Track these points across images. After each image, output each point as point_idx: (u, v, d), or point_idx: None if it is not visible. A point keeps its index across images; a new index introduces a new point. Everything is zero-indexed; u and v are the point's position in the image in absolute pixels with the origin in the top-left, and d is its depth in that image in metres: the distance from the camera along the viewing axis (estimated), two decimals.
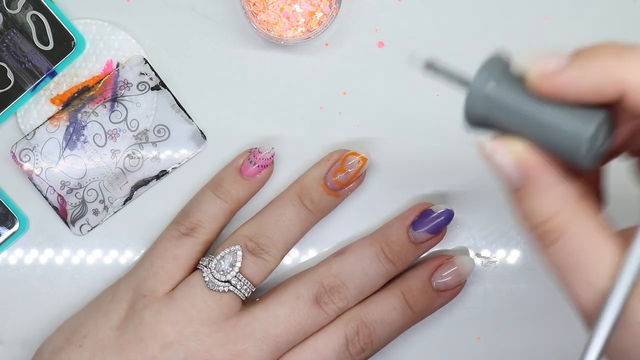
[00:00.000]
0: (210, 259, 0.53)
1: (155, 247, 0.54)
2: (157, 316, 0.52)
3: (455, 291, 0.56)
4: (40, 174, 0.56)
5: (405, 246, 0.55)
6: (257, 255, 0.53)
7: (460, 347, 0.58)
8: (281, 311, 0.53)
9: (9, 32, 0.55)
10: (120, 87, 0.56)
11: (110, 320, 0.52)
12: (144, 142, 0.57)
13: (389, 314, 0.54)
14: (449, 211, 0.55)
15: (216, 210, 0.54)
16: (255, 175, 0.55)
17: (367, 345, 0.54)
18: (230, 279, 0.52)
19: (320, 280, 0.54)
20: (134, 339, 0.51)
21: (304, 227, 0.55)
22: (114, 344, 0.51)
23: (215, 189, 0.55)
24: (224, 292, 0.52)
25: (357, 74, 0.57)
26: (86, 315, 0.53)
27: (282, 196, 0.55)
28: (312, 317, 0.53)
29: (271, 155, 0.55)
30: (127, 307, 0.52)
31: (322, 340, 0.53)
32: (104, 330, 0.52)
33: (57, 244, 0.58)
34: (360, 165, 0.55)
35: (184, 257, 0.53)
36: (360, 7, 0.57)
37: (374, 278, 0.54)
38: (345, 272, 0.54)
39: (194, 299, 0.52)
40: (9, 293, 0.57)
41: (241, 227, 0.55)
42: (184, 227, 0.54)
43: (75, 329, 0.53)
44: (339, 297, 0.54)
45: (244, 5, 0.55)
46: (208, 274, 0.52)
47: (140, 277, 0.53)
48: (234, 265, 0.52)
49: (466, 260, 0.55)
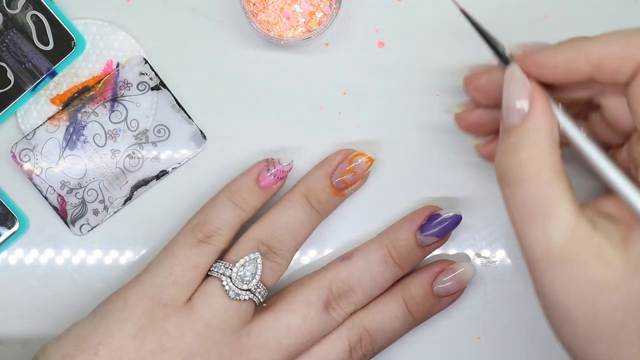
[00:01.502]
0: (227, 267, 0.52)
1: (173, 254, 0.53)
2: (181, 328, 0.51)
3: (455, 297, 0.56)
4: (40, 174, 0.56)
5: (413, 250, 0.55)
6: (271, 259, 0.53)
7: (460, 347, 0.58)
8: (293, 320, 0.52)
9: (9, 32, 0.55)
10: (120, 87, 0.56)
11: (125, 329, 0.51)
12: (144, 142, 0.57)
13: (391, 322, 0.54)
14: (457, 216, 0.55)
15: (235, 219, 0.53)
16: (271, 186, 0.55)
17: (368, 352, 0.54)
18: (251, 288, 0.52)
19: (329, 286, 0.54)
20: (157, 349, 0.51)
21: (312, 227, 0.55)
22: (134, 354, 0.50)
23: (233, 197, 0.54)
24: (244, 300, 0.52)
25: (357, 74, 0.57)
26: (94, 323, 0.52)
27: (289, 197, 0.55)
28: (322, 324, 0.53)
29: (290, 168, 0.55)
30: (141, 315, 0.51)
31: (327, 347, 0.53)
32: (120, 338, 0.51)
33: (57, 244, 0.58)
34: (367, 165, 0.55)
35: (203, 266, 0.52)
36: (360, 7, 0.57)
37: (382, 282, 0.54)
38: (354, 277, 0.54)
39: (215, 309, 0.51)
40: (9, 293, 0.57)
41: (252, 230, 0.54)
42: (202, 234, 0.53)
43: (86, 337, 0.51)
44: (347, 303, 0.54)
45: (244, 5, 0.55)
46: (228, 283, 0.52)
47: (157, 285, 0.52)
48: (256, 274, 0.52)
49: (467, 266, 0.55)
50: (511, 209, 0.45)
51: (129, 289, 0.52)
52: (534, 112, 0.44)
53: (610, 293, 0.43)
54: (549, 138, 0.44)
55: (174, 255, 0.52)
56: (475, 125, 0.52)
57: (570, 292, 0.43)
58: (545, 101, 0.45)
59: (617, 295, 0.43)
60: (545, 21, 0.57)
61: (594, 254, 0.43)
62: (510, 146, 0.44)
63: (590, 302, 0.43)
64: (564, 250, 0.43)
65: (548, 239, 0.43)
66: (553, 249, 0.43)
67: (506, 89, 0.45)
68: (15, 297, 0.57)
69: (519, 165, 0.44)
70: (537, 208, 0.43)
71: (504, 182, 0.45)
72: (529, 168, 0.44)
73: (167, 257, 0.53)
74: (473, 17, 0.47)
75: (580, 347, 0.45)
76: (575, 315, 0.44)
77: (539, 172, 0.43)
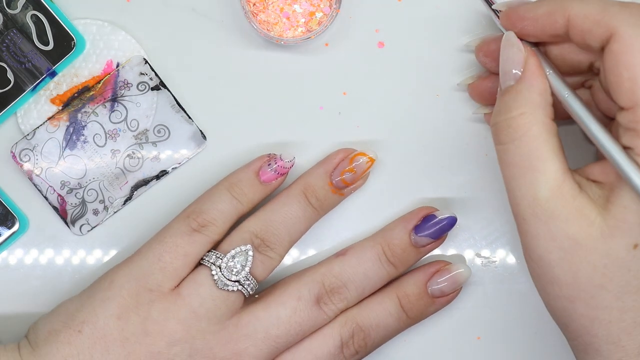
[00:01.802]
0: (219, 257, 0.52)
1: (164, 240, 0.53)
2: (165, 313, 0.51)
3: (450, 298, 0.56)
4: (40, 174, 0.56)
5: (406, 250, 0.55)
6: (263, 252, 0.53)
7: (460, 347, 0.58)
8: (283, 312, 0.53)
9: (9, 32, 0.55)
10: (120, 87, 0.56)
11: (110, 309, 0.51)
12: (144, 142, 0.57)
13: (384, 318, 0.54)
14: (452, 217, 0.55)
15: (231, 211, 0.54)
16: (271, 181, 0.55)
17: (361, 348, 0.54)
18: (240, 279, 0.52)
19: (321, 281, 0.54)
20: (140, 332, 0.51)
21: (309, 224, 0.55)
22: (118, 334, 0.51)
23: (231, 189, 0.54)
24: (232, 291, 0.52)
25: (357, 74, 0.57)
26: (81, 301, 0.52)
27: (287, 192, 0.55)
28: (312, 318, 0.53)
29: (292, 164, 0.55)
30: (127, 297, 0.52)
31: (318, 341, 0.53)
32: (104, 319, 0.51)
33: (57, 244, 0.58)
34: (368, 165, 0.55)
35: (193, 255, 0.52)
36: (360, 7, 0.57)
37: (375, 280, 0.54)
38: (347, 273, 0.54)
39: (203, 297, 0.52)
40: (9, 293, 0.57)
41: (247, 222, 0.54)
42: (196, 223, 0.53)
43: (72, 314, 0.52)
44: (339, 298, 0.54)
45: (244, 5, 0.55)
46: (217, 273, 0.52)
47: (145, 268, 0.52)
48: (245, 266, 0.52)
49: (463, 267, 0.55)
50: (502, 164, 0.47)
51: (117, 270, 0.53)
52: (526, 75, 0.47)
53: (589, 252, 0.45)
54: (541, 98, 0.46)
55: (164, 242, 0.53)
56: (487, 94, 0.54)
57: (552, 248, 0.45)
58: (537, 64, 0.47)
59: (596, 254, 0.45)
60: None
61: (576, 211, 0.45)
62: (504, 105, 0.47)
63: (570, 259, 0.45)
64: (548, 205, 0.45)
65: (534, 194, 0.45)
66: (538, 204, 0.45)
67: (502, 53, 0.48)
68: (15, 297, 0.57)
69: (510, 122, 0.46)
70: (525, 163, 0.46)
71: (497, 139, 0.47)
72: (520, 125, 0.46)
73: (158, 243, 0.53)
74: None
75: (562, 307, 0.47)
76: (557, 272, 0.46)
77: (529, 129, 0.46)
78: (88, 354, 0.51)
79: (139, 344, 0.51)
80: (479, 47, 0.54)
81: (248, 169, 0.55)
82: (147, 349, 0.51)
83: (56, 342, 0.51)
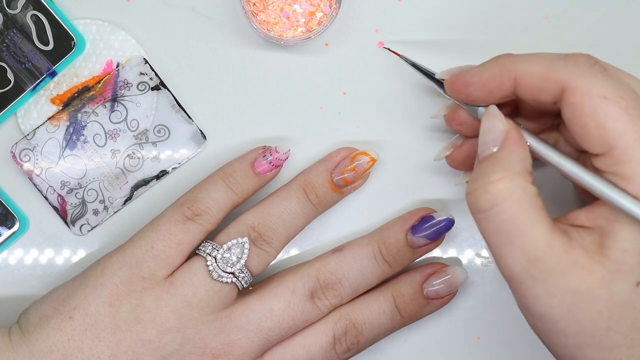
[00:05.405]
0: (215, 248, 0.52)
1: (157, 228, 0.53)
2: (157, 302, 0.51)
3: (445, 300, 0.56)
4: (40, 174, 0.56)
5: (402, 249, 0.55)
6: (260, 246, 0.53)
7: (460, 347, 0.58)
8: (276, 305, 0.53)
9: (9, 32, 0.55)
10: (120, 87, 0.56)
11: (101, 296, 0.51)
12: (144, 142, 0.57)
13: (378, 317, 0.54)
14: (449, 220, 0.55)
15: (226, 201, 0.54)
16: (266, 173, 0.55)
17: (353, 345, 0.54)
18: (234, 271, 0.52)
19: (316, 276, 0.54)
20: (131, 320, 0.51)
21: (306, 220, 0.55)
22: (109, 321, 0.51)
23: (226, 178, 0.54)
24: (226, 283, 0.52)
25: (357, 74, 0.57)
26: (73, 287, 0.52)
27: (287, 187, 0.55)
28: (306, 312, 0.53)
29: (287, 157, 0.55)
30: (119, 284, 0.52)
31: (311, 337, 0.54)
32: (95, 305, 0.51)
33: (57, 244, 0.58)
34: (369, 165, 0.55)
35: (187, 244, 0.52)
36: (360, 7, 0.57)
37: (369, 277, 0.55)
38: (342, 269, 0.54)
39: (196, 287, 0.52)
40: (9, 293, 0.57)
41: (245, 215, 0.54)
42: (190, 211, 0.53)
43: (63, 300, 0.52)
44: (333, 294, 0.54)
45: (244, 5, 0.55)
46: (212, 264, 0.52)
47: (138, 256, 0.52)
48: (241, 258, 0.52)
49: (459, 270, 0.56)
50: (485, 233, 0.45)
51: (110, 257, 0.53)
52: (507, 143, 0.46)
53: (592, 300, 0.44)
54: (521, 165, 0.45)
55: (158, 229, 0.53)
56: (467, 161, 0.53)
57: (554, 304, 0.44)
58: (518, 134, 0.46)
59: (599, 301, 0.44)
60: (545, 21, 0.57)
61: (572, 264, 0.44)
62: (481, 171, 0.45)
63: (574, 311, 0.44)
64: (544, 265, 0.44)
65: (527, 257, 0.44)
66: (533, 267, 0.44)
67: (483, 124, 0.47)
68: (15, 297, 0.57)
69: (489, 188, 0.45)
70: (511, 228, 0.44)
71: (475, 208, 0.45)
72: (500, 190, 0.44)
73: (152, 231, 0.53)
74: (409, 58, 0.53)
75: (571, 354, 0.46)
76: (562, 325, 0.45)
77: (510, 194, 0.44)
78: (78, 340, 0.51)
79: (129, 332, 0.51)
80: (450, 117, 0.52)
81: (243, 159, 0.55)
82: (138, 336, 0.51)
83: (47, 327, 0.51)
